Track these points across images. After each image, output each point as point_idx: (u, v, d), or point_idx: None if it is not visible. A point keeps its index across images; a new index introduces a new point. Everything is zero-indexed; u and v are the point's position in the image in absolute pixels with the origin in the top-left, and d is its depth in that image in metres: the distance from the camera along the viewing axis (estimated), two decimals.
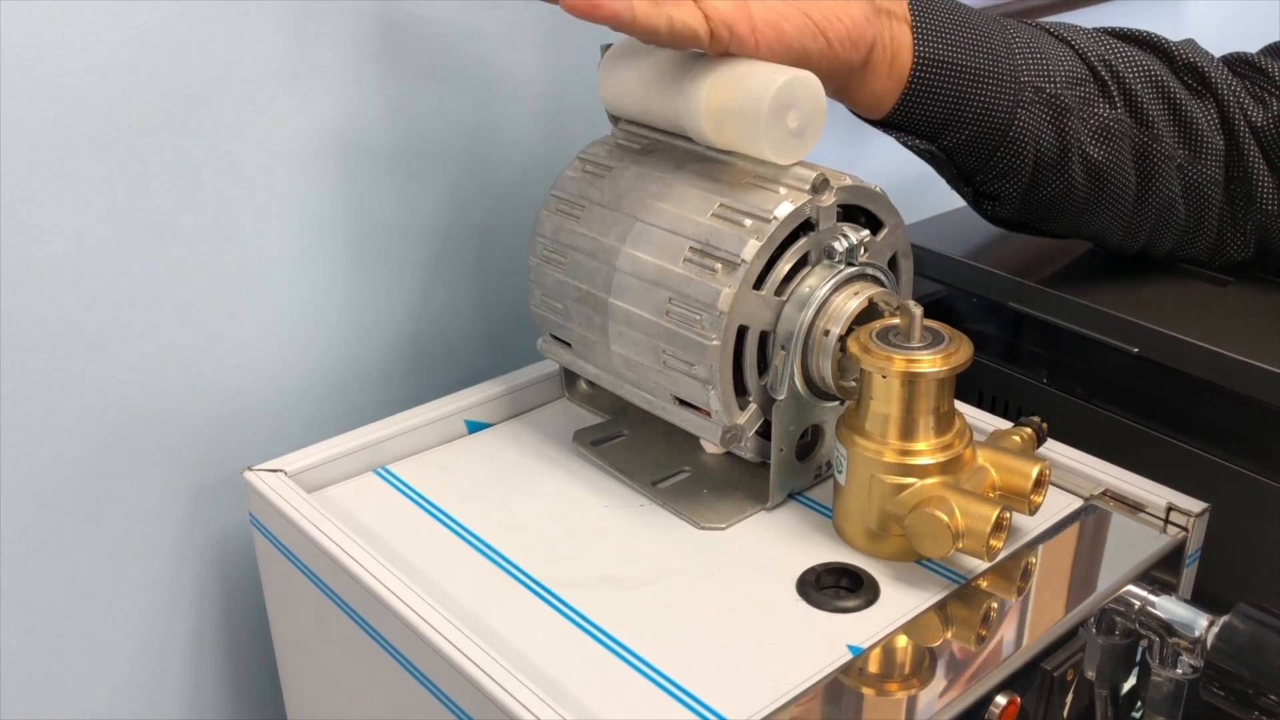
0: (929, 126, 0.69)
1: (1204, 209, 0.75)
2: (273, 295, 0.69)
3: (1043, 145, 0.70)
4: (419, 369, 0.77)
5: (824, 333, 0.58)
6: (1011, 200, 0.74)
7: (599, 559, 0.58)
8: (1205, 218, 0.76)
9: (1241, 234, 0.76)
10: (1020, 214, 0.75)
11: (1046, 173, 0.72)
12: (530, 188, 0.78)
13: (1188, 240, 0.77)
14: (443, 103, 0.72)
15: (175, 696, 0.73)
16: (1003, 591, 0.56)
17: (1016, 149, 0.70)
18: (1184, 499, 0.60)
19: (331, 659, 0.61)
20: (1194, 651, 0.53)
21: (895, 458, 0.55)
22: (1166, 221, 0.75)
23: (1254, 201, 0.75)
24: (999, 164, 0.71)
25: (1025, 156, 0.70)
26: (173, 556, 0.70)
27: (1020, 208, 0.74)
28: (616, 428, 0.69)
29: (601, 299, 0.62)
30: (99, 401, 0.64)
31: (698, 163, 0.61)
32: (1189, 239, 0.77)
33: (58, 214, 0.60)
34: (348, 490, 0.64)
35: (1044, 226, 0.77)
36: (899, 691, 0.50)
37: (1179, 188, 0.74)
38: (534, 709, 0.46)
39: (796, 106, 0.57)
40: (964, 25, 0.68)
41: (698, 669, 0.51)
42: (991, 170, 0.72)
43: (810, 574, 0.56)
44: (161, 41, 0.60)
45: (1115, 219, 0.75)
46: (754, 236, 0.56)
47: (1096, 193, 0.73)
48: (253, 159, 0.66)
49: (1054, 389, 0.78)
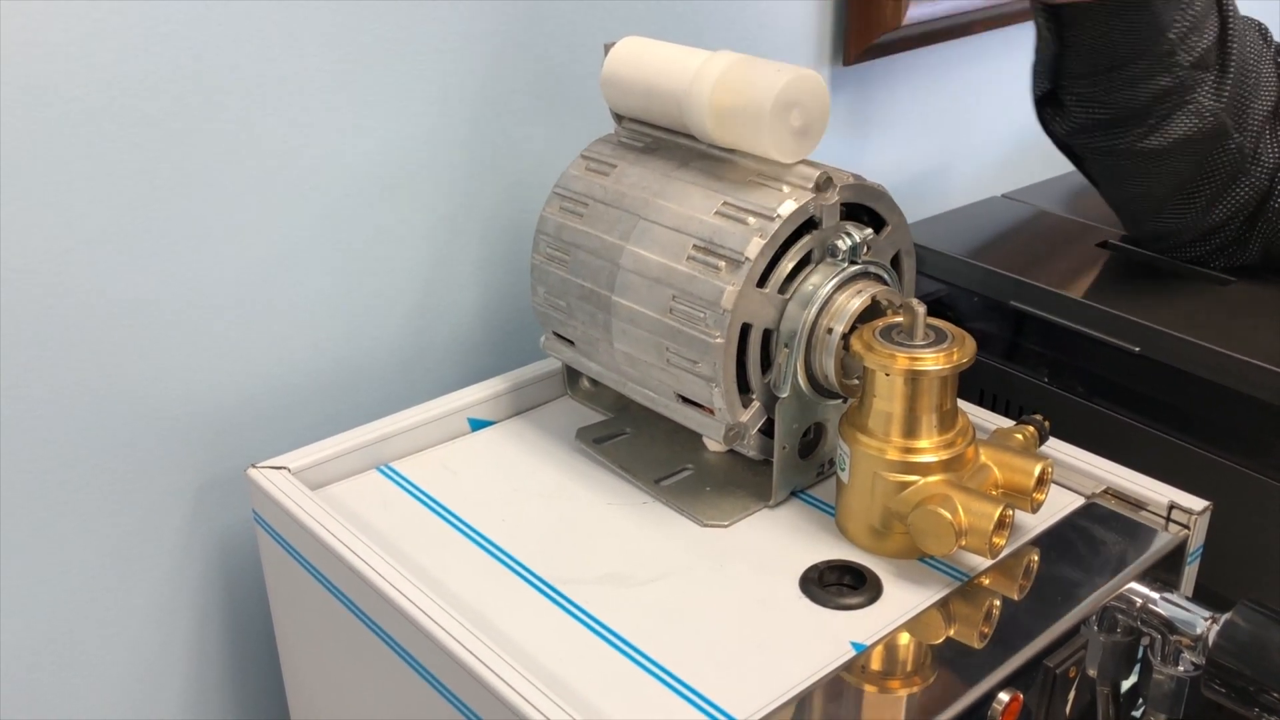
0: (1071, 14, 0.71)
1: (1236, 218, 0.76)
2: (276, 293, 0.69)
3: (1139, 98, 0.72)
4: (422, 366, 0.77)
5: (827, 330, 0.58)
6: (1073, 124, 0.76)
7: (602, 556, 0.58)
8: (1229, 224, 0.77)
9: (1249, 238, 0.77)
10: (1072, 138, 0.77)
11: (1125, 124, 0.74)
12: (534, 185, 0.78)
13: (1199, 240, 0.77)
14: (445, 101, 0.72)
15: (178, 694, 0.73)
16: (1005, 589, 0.56)
17: (1117, 87, 0.72)
18: (1186, 497, 0.60)
19: (335, 656, 0.61)
20: (1196, 649, 0.53)
21: (898, 455, 0.55)
22: (1194, 224, 0.76)
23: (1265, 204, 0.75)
24: (1093, 87, 0.73)
25: (1118, 98, 0.72)
26: (176, 554, 0.70)
27: (1076, 133, 0.76)
28: (619, 425, 0.69)
29: (605, 297, 0.62)
30: (101, 400, 0.64)
31: (701, 161, 0.62)
32: (1201, 239, 0.77)
33: (59, 214, 0.60)
34: (351, 487, 0.65)
35: (1080, 161, 0.79)
36: (902, 689, 0.50)
37: (1230, 196, 0.75)
38: (539, 705, 0.46)
39: (800, 105, 0.57)
40: None
41: (701, 666, 0.51)
42: (1081, 87, 0.74)
43: (813, 571, 0.56)
44: (164, 44, 0.60)
45: (1145, 198, 0.77)
46: (757, 234, 0.56)
47: (1151, 168, 0.75)
48: (256, 158, 0.66)
49: (1055, 388, 0.78)
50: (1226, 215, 0.76)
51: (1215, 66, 0.72)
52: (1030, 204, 0.93)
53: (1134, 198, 0.78)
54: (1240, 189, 0.75)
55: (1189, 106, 0.72)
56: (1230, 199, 0.76)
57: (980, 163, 1.12)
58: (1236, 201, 0.76)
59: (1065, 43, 0.73)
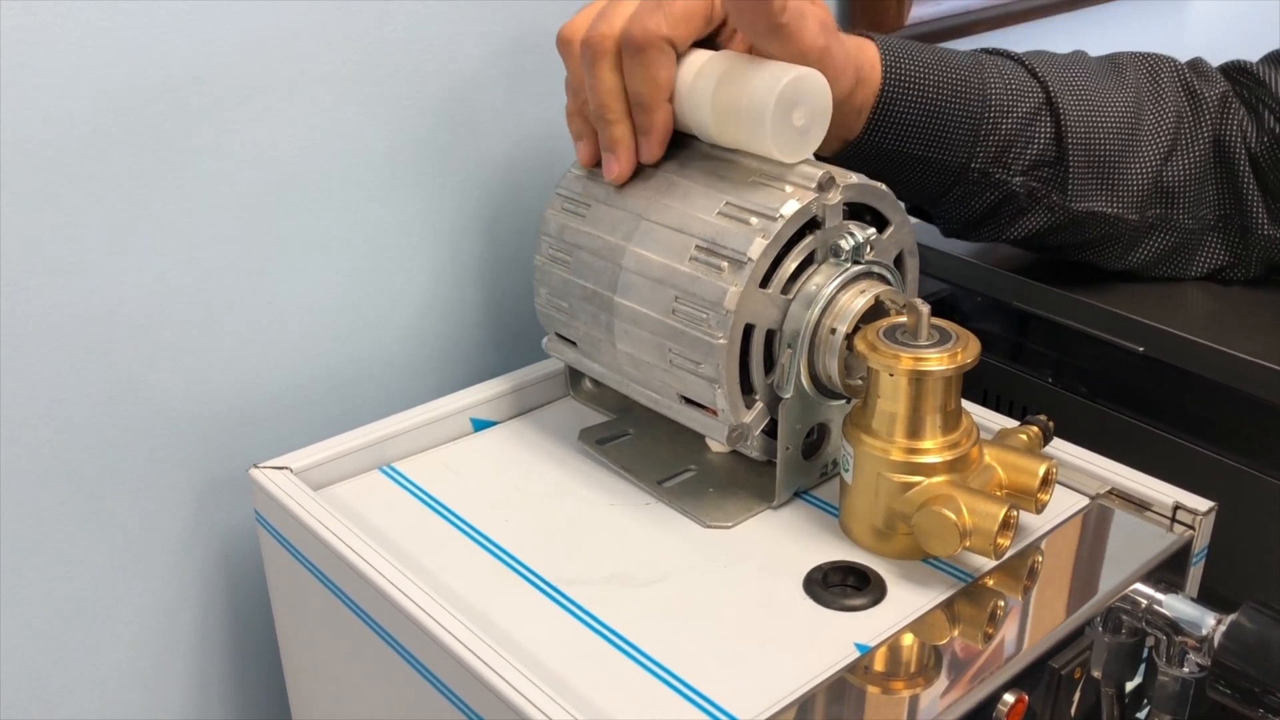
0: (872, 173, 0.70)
1: (1175, 255, 0.76)
2: (277, 293, 0.69)
3: (975, 212, 0.72)
4: (424, 367, 0.77)
5: (830, 331, 0.58)
6: (948, 231, 0.77)
7: (605, 557, 0.58)
8: (1179, 260, 0.76)
9: (1245, 265, 0.76)
10: (954, 236, 0.78)
11: (979, 229, 0.74)
12: (536, 186, 0.78)
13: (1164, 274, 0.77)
14: (447, 101, 0.72)
15: (179, 695, 0.73)
16: (1010, 590, 0.55)
17: (946, 209, 0.73)
18: (1191, 498, 0.60)
19: (337, 656, 0.61)
20: (1201, 650, 0.53)
21: (902, 456, 0.55)
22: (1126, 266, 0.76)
23: (1250, 233, 0.74)
24: (931, 209, 0.74)
25: (954, 215, 0.73)
26: (177, 554, 0.70)
27: (953, 234, 0.77)
28: (622, 426, 0.69)
29: (607, 298, 0.62)
30: (103, 399, 0.64)
31: (703, 161, 0.61)
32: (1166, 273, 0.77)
33: (61, 213, 0.60)
34: (353, 488, 0.64)
35: None
36: (906, 690, 0.50)
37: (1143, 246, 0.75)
38: (541, 706, 0.46)
39: (802, 104, 0.57)
40: (933, 115, 0.67)
41: (705, 667, 0.51)
42: (925, 207, 0.75)
43: (817, 572, 0.56)
44: (166, 43, 0.60)
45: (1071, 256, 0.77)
46: (760, 235, 0.56)
47: (1038, 247, 0.76)
48: (257, 158, 0.65)
49: (1059, 388, 0.78)
50: (1153, 257, 0.75)
51: (1055, 162, 0.70)
52: None
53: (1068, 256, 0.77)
54: (1154, 237, 0.74)
55: (1037, 205, 0.71)
56: (1146, 247, 0.74)
57: None
58: (1158, 246, 0.74)
59: (891, 185, 0.72)
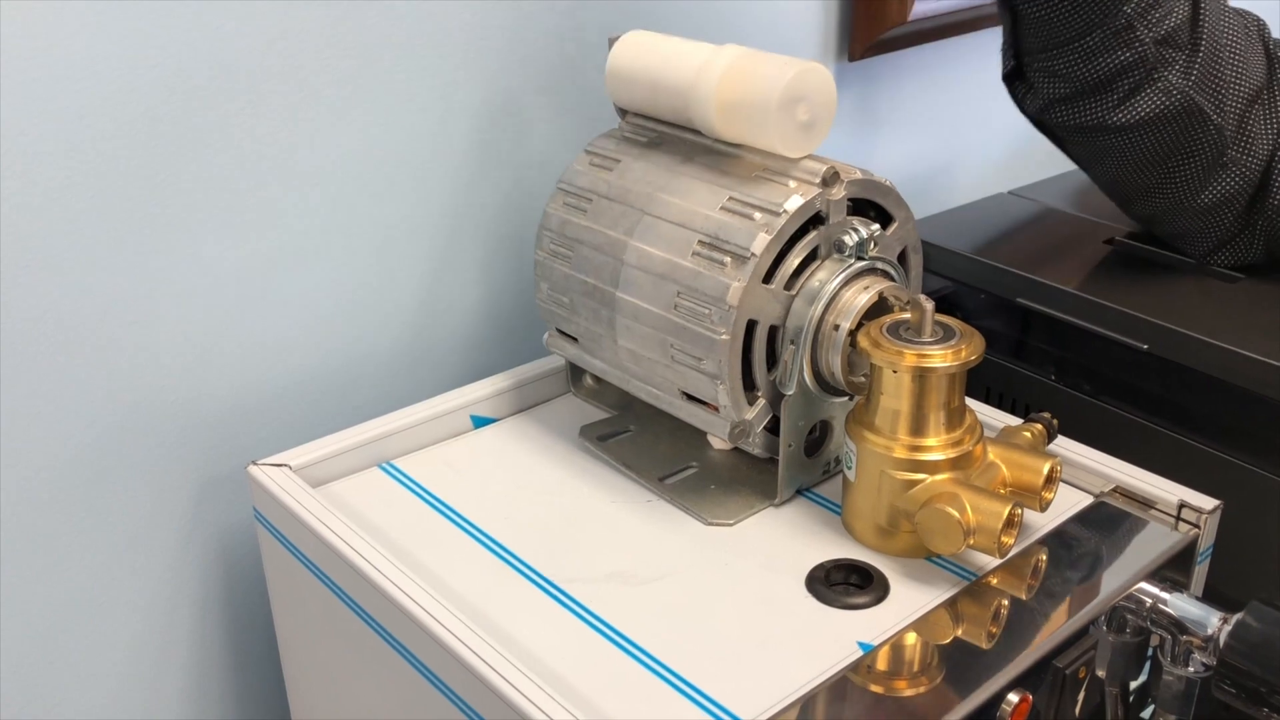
0: None
1: (1229, 205, 0.75)
2: (278, 289, 0.69)
3: (1098, 71, 0.71)
4: (424, 364, 0.77)
5: (834, 327, 0.57)
6: (1042, 100, 0.74)
7: (606, 555, 0.58)
8: (1226, 214, 0.76)
9: (1251, 236, 0.76)
10: (1043, 115, 0.76)
11: (1089, 97, 0.72)
12: (537, 181, 0.77)
13: (1199, 230, 0.77)
14: (448, 97, 0.72)
15: (177, 693, 0.73)
16: (1013, 589, 0.55)
17: (1074, 60, 0.71)
18: (1196, 496, 0.59)
19: (336, 655, 0.61)
20: (1207, 649, 0.53)
21: (905, 453, 0.55)
22: (1183, 206, 0.75)
23: (1269, 198, 0.74)
24: (1053, 60, 0.72)
25: (1078, 71, 0.71)
26: (176, 552, 0.69)
27: (1046, 109, 0.75)
28: (623, 423, 0.68)
29: (609, 293, 0.61)
30: (102, 396, 0.64)
31: (706, 155, 0.61)
32: (1203, 227, 0.76)
33: (63, 211, 0.59)
34: (353, 485, 0.64)
35: (1060, 142, 0.78)
36: (909, 689, 0.50)
37: (1215, 180, 0.74)
38: (541, 705, 0.46)
39: (807, 99, 0.57)
40: None
41: (706, 665, 0.50)
42: (1042, 60, 0.72)
43: (819, 570, 0.56)
44: (171, 42, 0.60)
45: (1130, 178, 0.75)
46: (764, 230, 0.56)
47: (1126, 144, 0.74)
48: (257, 155, 0.65)
49: (1062, 385, 0.77)
50: (1215, 200, 0.75)
51: (1186, 46, 0.71)
52: (1037, 201, 0.93)
53: (1116, 178, 0.77)
54: (1227, 174, 0.74)
55: (1156, 83, 0.71)
56: (1218, 183, 0.74)
57: (987, 159, 1.11)
58: (1225, 187, 0.74)
59: (1017, 16, 0.72)
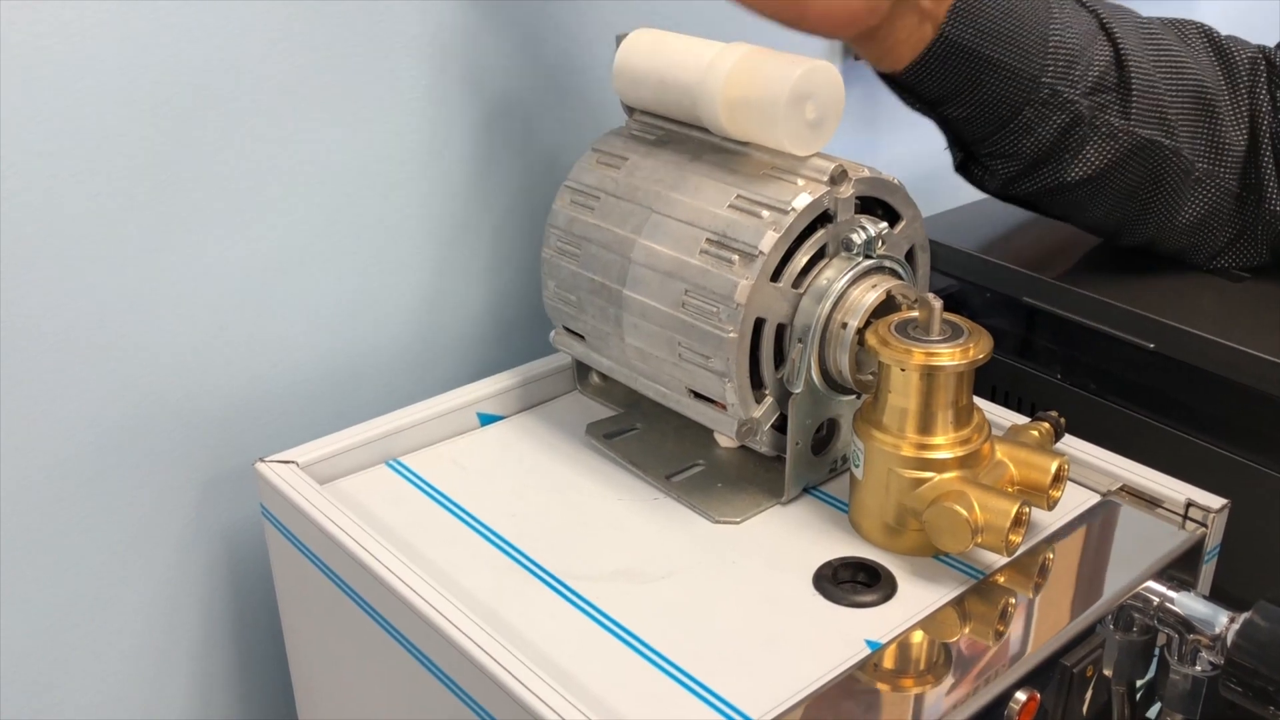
0: (931, 97, 0.70)
1: (1213, 217, 0.75)
2: (284, 287, 0.69)
3: (1042, 142, 0.71)
4: (431, 361, 0.77)
5: (842, 325, 0.57)
6: (1000, 179, 0.75)
7: (613, 552, 0.58)
8: (1213, 225, 0.75)
9: (1253, 239, 0.76)
10: (1006, 191, 0.76)
11: (1041, 166, 0.72)
12: (544, 179, 0.77)
13: (1193, 245, 0.76)
14: (454, 95, 0.72)
15: (183, 692, 0.73)
16: (1021, 587, 0.55)
17: (1014, 139, 0.71)
18: (1204, 495, 0.59)
19: (343, 652, 0.61)
20: (1214, 648, 0.53)
21: (913, 452, 0.55)
22: (1167, 228, 0.75)
23: (1264, 203, 0.74)
24: (995, 145, 0.72)
25: (1022, 147, 0.71)
26: (182, 548, 0.69)
27: (1007, 186, 0.75)
28: (630, 421, 0.68)
29: (616, 291, 0.61)
30: (109, 393, 0.64)
31: (714, 154, 0.61)
32: (1195, 243, 0.76)
33: (66, 209, 0.59)
34: (359, 482, 0.64)
35: (1033, 206, 0.78)
36: (917, 687, 0.50)
37: (1191, 198, 0.74)
38: (551, 702, 0.46)
39: (815, 97, 0.57)
40: (1006, 15, 0.68)
41: (713, 663, 0.50)
42: (986, 148, 0.73)
43: (827, 568, 0.56)
44: (173, 41, 0.60)
45: (1108, 217, 0.76)
46: (772, 228, 0.56)
47: (1092, 193, 0.74)
48: (262, 154, 0.65)
49: (1068, 384, 0.77)
50: (1197, 216, 0.74)
51: (1116, 87, 0.70)
52: None
53: (1096, 223, 0.77)
54: (1202, 189, 0.74)
55: (1099, 131, 0.71)
56: (1194, 200, 0.74)
57: None
58: (1204, 201, 0.74)
59: (944, 116, 0.72)
